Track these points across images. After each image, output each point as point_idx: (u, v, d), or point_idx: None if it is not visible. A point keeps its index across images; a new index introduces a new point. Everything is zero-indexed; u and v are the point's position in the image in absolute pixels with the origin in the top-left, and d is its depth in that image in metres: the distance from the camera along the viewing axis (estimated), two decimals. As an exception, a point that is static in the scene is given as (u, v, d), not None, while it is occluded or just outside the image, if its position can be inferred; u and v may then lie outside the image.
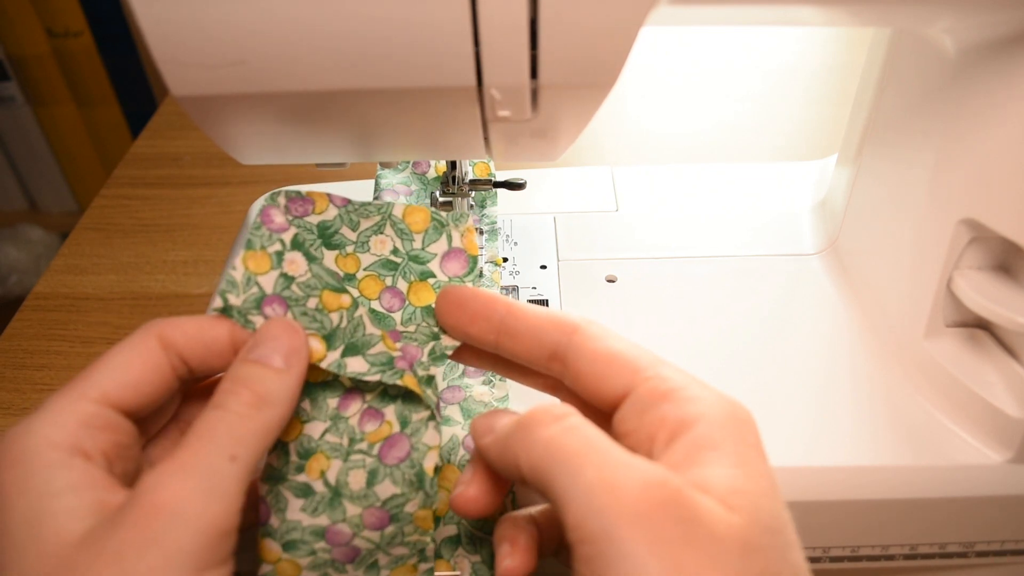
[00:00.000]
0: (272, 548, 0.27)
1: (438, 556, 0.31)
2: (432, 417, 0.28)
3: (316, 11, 0.24)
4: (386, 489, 0.27)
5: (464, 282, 0.31)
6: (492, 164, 0.45)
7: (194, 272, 0.58)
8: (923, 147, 0.36)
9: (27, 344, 0.53)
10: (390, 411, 0.28)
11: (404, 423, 0.28)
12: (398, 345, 0.29)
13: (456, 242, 0.30)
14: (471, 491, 0.27)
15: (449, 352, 0.30)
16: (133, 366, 0.26)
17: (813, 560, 0.36)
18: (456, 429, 0.34)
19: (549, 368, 0.28)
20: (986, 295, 0.34)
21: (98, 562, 0.22)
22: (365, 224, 0.31)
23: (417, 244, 0.31)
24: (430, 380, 0.29)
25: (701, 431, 0.24)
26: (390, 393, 0.28)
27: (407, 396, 0.28)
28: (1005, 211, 0.32)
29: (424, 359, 0.29)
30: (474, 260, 0.30)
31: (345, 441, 0.28)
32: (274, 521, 0.27)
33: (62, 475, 0.23)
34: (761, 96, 0.76)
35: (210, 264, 0.58)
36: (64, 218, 1.45)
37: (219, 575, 0.23)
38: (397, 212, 0.30)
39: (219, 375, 0.28)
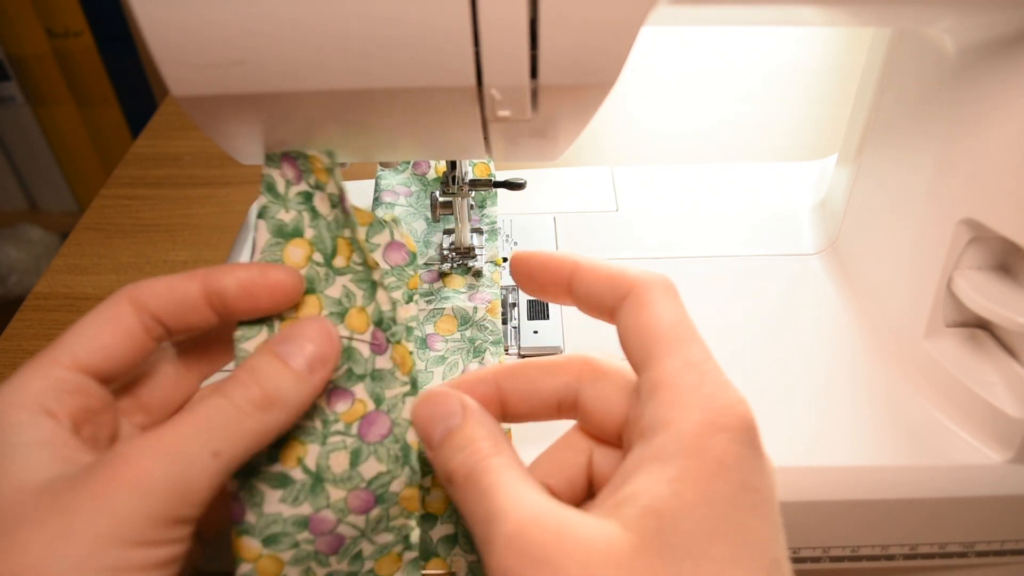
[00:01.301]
0: (251, 545, 0.26)
1: (434, 555, 0.31)
2: (409, 393, 0.28)
3: (316, 11, 0.24)
4: (371, 468, 0.27)
5: (405, 271, 0.31)
6: (492, 164, 0.45)
7: (194, 272, 0.58)
8: (923, 147, 0.36)
9: (27, 344, 0.53)
10: (359, 390, 0.28)
11: (378, 401, 0.28)
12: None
13: (397, 236, 0.30)
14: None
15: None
16: (104, 331, 0.26)
17: (813, 560, 0.36)
18: None
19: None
20: (986, 295, 0.34)
21: (47, 511, 0.22)
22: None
23: (361, 234, 0.30)
24: (409, 331, 0.29)
25: (658, 440, 0.23)
26: (355, 372, 0.28)
27: (374, 374, 0.28)
28: (1005, 211, 0.32)
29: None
30: (413, 255, 0.30)
31: (319, 424, 0.27)
32: (250, 517, 0.26)
33: (27, 432, 0.24)
34: (761, 96, 0.76)
35: (210, 264, 0.58)
36: (64, 218, 1.45)
37: (166, 553, 0.23)
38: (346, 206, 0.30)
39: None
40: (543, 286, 0.29)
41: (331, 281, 0.28)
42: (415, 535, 0.29)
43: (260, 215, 0.28)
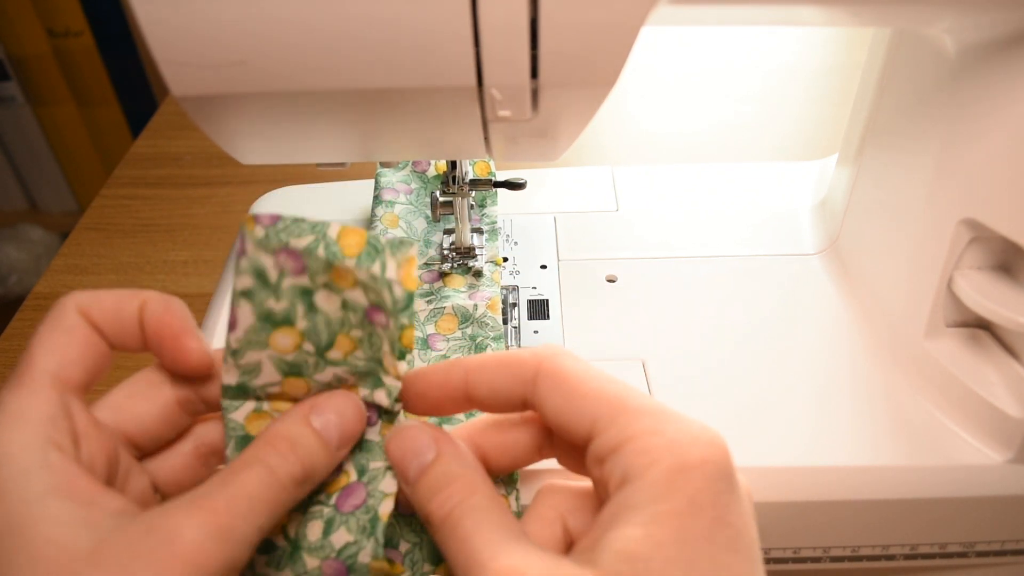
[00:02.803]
0: None
1: (437, 562, 0.30)
2: (391, 467, 0.27)
3: (316, 11, 0.24)
4: (340, 538, 0.27)
5: (396, 326, 0.27)
6: (492, 164, 0.45)
7: (194, 272, 0.58)
8: (923, 147, 0.36)
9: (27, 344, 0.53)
10: (347, 462, 0.28)
11: (361, 472, 0.28)
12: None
13: (390, 271, 0.26)
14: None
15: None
16: (71, 344, 0.25)
17: (813, 560, 0.36)
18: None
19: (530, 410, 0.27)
20: (986, 295, 0.34)
21: None
22: (296, 243, 0.27)
23: (346, 282, 0.27)
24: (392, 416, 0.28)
25: (629, 489, 0.23)
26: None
27: (363, 445, 0.28)
28: (1005, 211, 0.32)
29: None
30: (409, 297, 0.26)
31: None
32: None
33: (40, 478, 0.22)
34: (761, 96, 0.76)
35: (210, 264, 0.58)
36: (64, 218, 1.45)
37: None
38: (332, 232, 0.27)
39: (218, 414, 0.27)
40: (438, 402, 0.28)
41: (321, 368, 0.27)
42: None
43: (243, 294, 0.26)
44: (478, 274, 0.42)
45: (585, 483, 0.27)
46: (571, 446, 0.27)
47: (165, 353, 0.27)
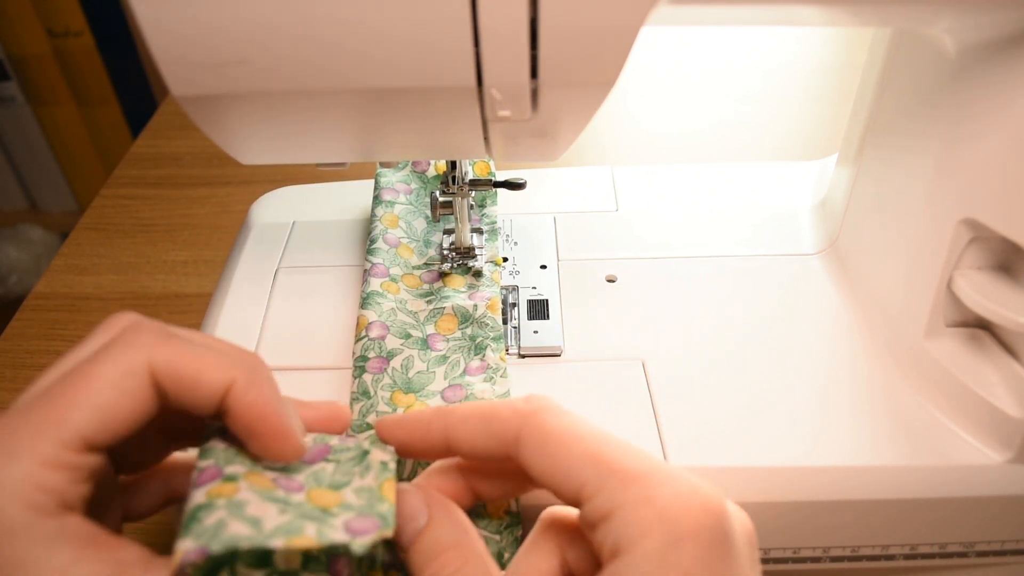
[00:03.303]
0: None
1: None
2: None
3: (316, 11, 0.24)
4: None
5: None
6: (492, 164, 0.45)
7: (194, 272, 0.58)
8: (923, 147, 0.36)
9: (27, 344, 0.53)
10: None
11: None
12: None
13: (381, 499, 0.25)
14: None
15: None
16: (121, 408, 0.22)
17: (813, 560, 0.36)
18: None
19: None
20: (986, 295, 0.34)
21: None
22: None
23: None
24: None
25: (624, 563, 0.22)
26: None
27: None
28: (1005, 211, 0.32)
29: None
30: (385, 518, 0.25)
31: None
32: None
33: (65, 546, 0.21)
34: (761, 96, 0.76)
35: (210, 264, 0.58)
36: (64, 218, 1.45)
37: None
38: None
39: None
40: (421, 452, 0.28)
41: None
42: None
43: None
44: (478, 274, 0.42)
45: None
46: None
47: (250, 440, 0.25)
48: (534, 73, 0.26)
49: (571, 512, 0.27)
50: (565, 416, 0.25)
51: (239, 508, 0.24)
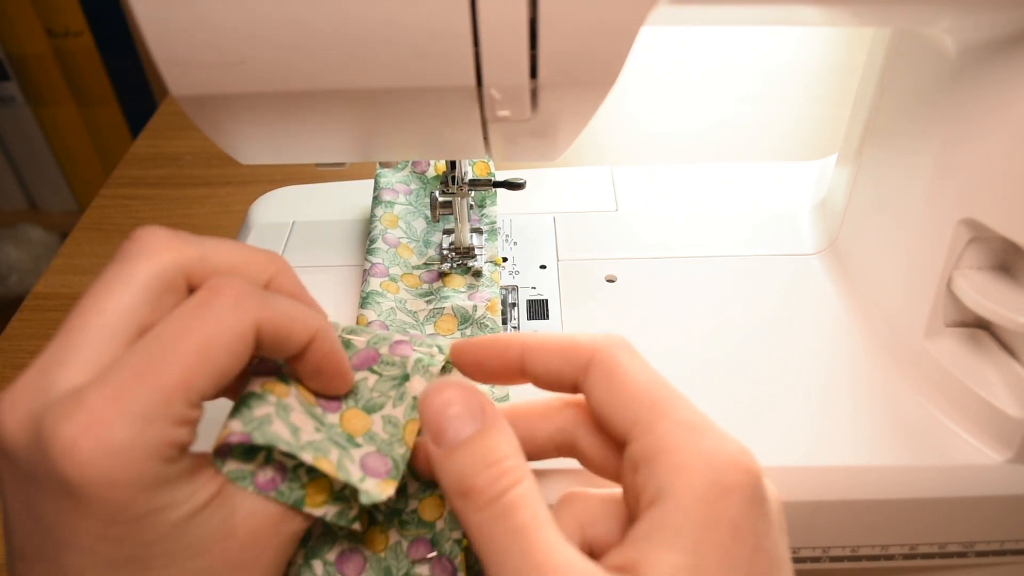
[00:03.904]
0: None
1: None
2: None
3: (316, 11, 0.24)
4: None
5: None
6: (492, 164, 0.45)
7: (194, 272, 0.58)
8: (923, 147, 0.36)
9: (27, 344, 0.53)
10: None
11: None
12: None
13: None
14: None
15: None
16: (231, 369, 0.23)
17: (813, 560, 0.36)
18: None
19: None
20: (986, 295, 0.34)
21: None
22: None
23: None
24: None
25: (668, 507, 0.22)
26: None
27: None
28: (1005, 211, 0.32)
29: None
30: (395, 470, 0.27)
31: None
32: None
33: (183, 487, 0.23)
34: (761, 96, 0.76)
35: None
36: (64, 218, 1.45)
37: None
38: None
39: None
40: (493, 373, 0.28)
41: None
42: None
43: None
44: (477, 274, 0.42)
45: (608, 492, 0.26)
46: (600, 449, 0.27)
47: (316, 381, 0.27)
48: (534, 73, 0.26)
49: (593, 490, 0.26)
50: (636, 358, 0.26)
51: (285, 411, 0.26)
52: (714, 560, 0.22)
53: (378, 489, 0.26)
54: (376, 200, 0.46)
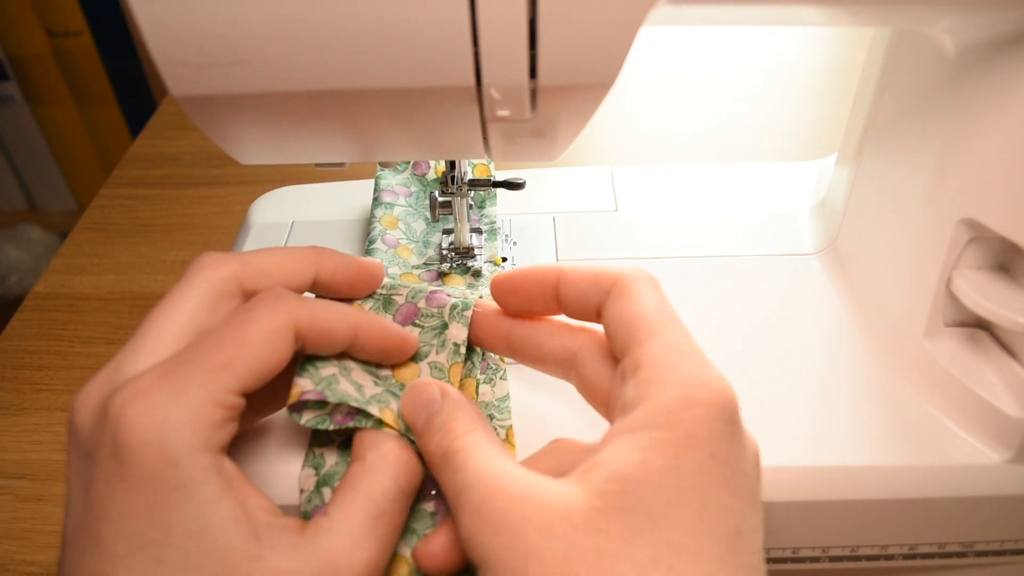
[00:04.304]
0: None
1: None
2: None
3: (315, 11, 0.24)
4: None
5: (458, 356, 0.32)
6: (492, 164, 0.45)
7: (194, 272, 0.58)
8: (923, 147, 0.36)
9: (27, 344, 0.53)
10: None
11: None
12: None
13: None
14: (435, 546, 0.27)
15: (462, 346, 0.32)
16: (270, 360, 0.26)
17: (812, 560, 0.36)
18: None
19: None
20: (986, 295, 0.34)
21: None
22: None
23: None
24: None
25: (637, 413, 0.24)
26: None
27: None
28: (1004, 211, 0.32)
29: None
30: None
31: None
32: None
33: (215, 481, 0.24)
34: (761, 96, 0.76)
35: (210, 264, 0.58)
36: (64, 218, 1.45)
37: None
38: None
39: None
40: (530, 298, 0.30)
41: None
42: None
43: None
44: (477, 274, 0.42)
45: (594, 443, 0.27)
46: (597, 373, 0.28)
47: (378, 358, 0.31)
48: (533, 73, 0.26)
49: (579, 440, 0.28)
50: (655, 289, 0.28)
51: (347, 371, 0.30)
52: (663, 460, 0.22)
53: None
54: (376, 201, 0.46)
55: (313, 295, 0.33)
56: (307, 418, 0.29)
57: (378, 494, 0.26)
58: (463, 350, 0.32)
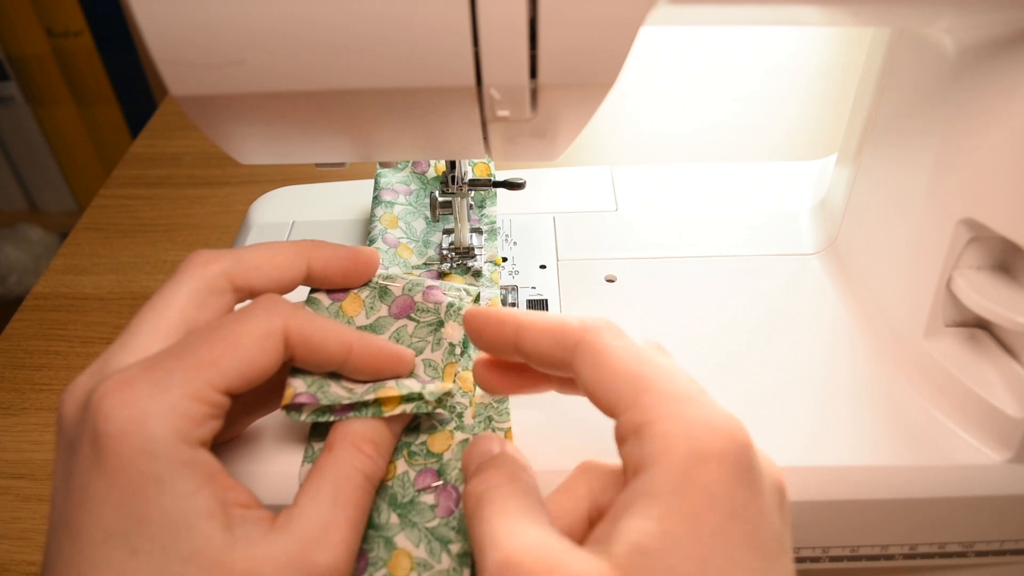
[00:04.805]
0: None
1: None
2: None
3: (315, 11, 0.24)
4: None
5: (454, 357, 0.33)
6: (492, 164, 0.45)
7: (194, 272, 0.58)
8: (923, 147, 0.36)
9: (26, 344, 0.53)
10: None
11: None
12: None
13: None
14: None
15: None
16: (258, 363, 0.26)
17: (813, 560, 0.36)
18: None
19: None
20: (986, 295, 0.34)
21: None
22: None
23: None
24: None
25: (647, 477, 0.23)
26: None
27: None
28: (1004, 211, 0.32)
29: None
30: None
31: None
32: None
33: (192, 474, 0.24)
34: (761, 96, 0.76)
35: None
36: (64, 218, 1.45)
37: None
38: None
39: None
40: (491, 345, 0.29)
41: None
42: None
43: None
44: (477, 274, 0.42)
45: (619, 464, 0.27)
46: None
47: (363, 374, 0.30)
48: (533, 73, 0.26)
49: (606, 463, 0.27)
50: (621, 338, 0.26)
51: (337, 377, 0.30)
52: (683, 527, 0.22)
53: (439, 387, 0.30)
54: (376, 200, 0.46)
55: (309, 290, 0.33)
56: (307, 414, 0.29)
57: (343, 481, 0.27)
58: (459, 351, 0.33)
